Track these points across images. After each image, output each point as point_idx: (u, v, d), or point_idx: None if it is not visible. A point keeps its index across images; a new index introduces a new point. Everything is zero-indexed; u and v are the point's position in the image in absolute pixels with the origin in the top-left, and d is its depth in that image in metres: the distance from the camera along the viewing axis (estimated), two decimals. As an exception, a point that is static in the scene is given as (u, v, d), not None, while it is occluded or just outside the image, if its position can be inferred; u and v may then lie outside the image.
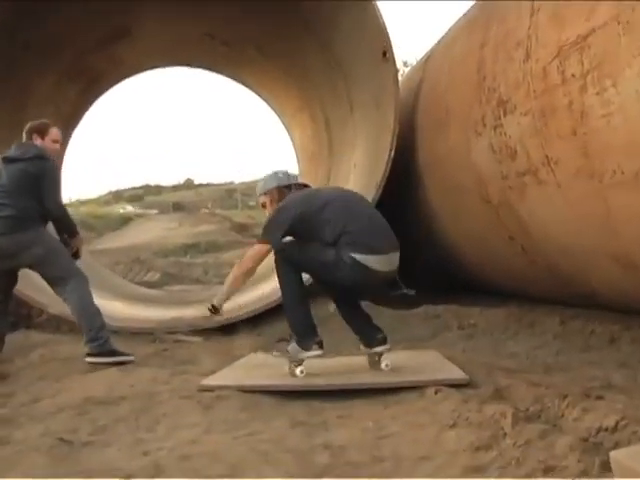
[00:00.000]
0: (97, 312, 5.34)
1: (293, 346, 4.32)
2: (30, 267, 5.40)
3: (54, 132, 5.58)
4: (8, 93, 9.11)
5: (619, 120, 3.83)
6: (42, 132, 5.50)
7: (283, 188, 4.66)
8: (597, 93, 3.95)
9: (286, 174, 4.77)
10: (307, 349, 4.26)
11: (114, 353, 5.20)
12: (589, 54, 4.02)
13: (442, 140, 6.93)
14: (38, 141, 5.44)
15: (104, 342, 5.19)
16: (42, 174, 5.24)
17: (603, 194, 4.24)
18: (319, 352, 4.28)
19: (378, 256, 4.25)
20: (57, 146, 5.61)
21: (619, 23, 3.76)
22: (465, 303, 6.76)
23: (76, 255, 5.62)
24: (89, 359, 5.13)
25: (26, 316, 7.22)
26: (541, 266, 5.70)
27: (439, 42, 8.34)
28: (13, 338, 6.46)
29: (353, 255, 4.14)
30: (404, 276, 4.55)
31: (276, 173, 4.76)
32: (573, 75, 4.24)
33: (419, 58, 10.56)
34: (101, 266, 14.29)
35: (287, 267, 4.38)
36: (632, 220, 4.13)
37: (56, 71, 10.72)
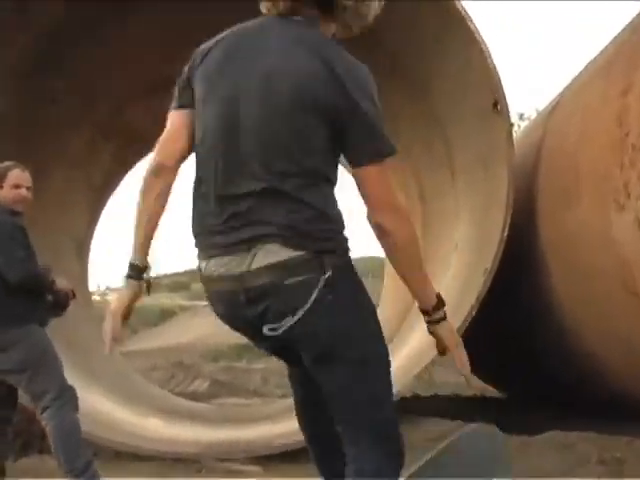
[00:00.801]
0: (80, 446, 5.22)
1: None
2: (3, 374, 5.27)
3: (14, 175, 5.35)
4: (30, 156, 9.43)
5: None
6: None
7: None
8: None
9: None
10: None
11: None
12: None
13: (571, 212, 6.85)
14: None
15: None
16: None
17: None
18: None
19: (215, 260, 2.98)
20: (21, 191, 5.37)
21: None
22: (607, 429, 6.51)
23: (71, 297, 5.53)
24: None
25: (39, 436, 7.25)
26: None
27: (566, 89, 8.37)
28: (23, 465, 6.50)
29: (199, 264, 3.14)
30: (526, 391, 4.27)
31: None
32: None
33: (540, 110, 10.56)
34: (134, 372, 14.42)
35: None
36: None
37: (88, 128, 11.12)
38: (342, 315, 2.80)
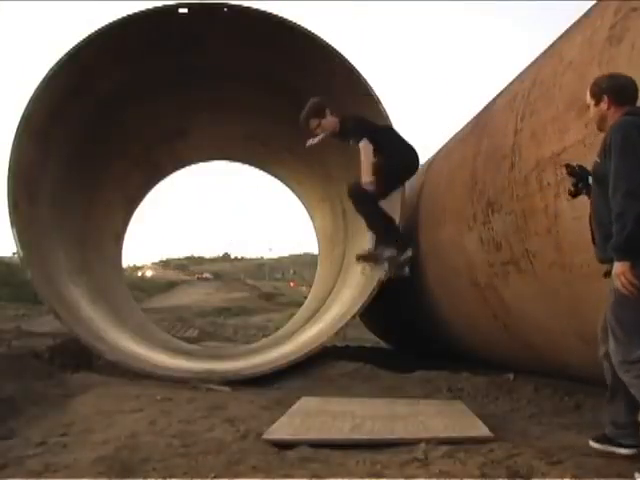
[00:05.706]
0: None
1: None
2: None
3: None
4: (86, 179, 9.41)
5: (587, 222, 3.88)
6: None
7: None
8: (568, 199, 4.02)
9: None
10: None
11: None
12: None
13: (440, 231, 6.99)
14: None
15: None
16: None
17: (573, 283, 4.26)
18: None
19: None
20: None
21: (585, 145, 3.87)
22: (454, 370, 6.68)
23: None
24: None
25: (87, 360, 7.24)
26: (519, 341, 5.67)
27: (439, 151, 8.46)
28: (76, 377, 6.48)
29: None
30: (406, 345, 4.36)
31: None
32: (549, 184, 4.33)
33: (422, 164, 10.63)
34: (150, 322, 14.32)
35: None
36: (596, 306, 4.12)
37: (127, 160, 11.06)
38: None
